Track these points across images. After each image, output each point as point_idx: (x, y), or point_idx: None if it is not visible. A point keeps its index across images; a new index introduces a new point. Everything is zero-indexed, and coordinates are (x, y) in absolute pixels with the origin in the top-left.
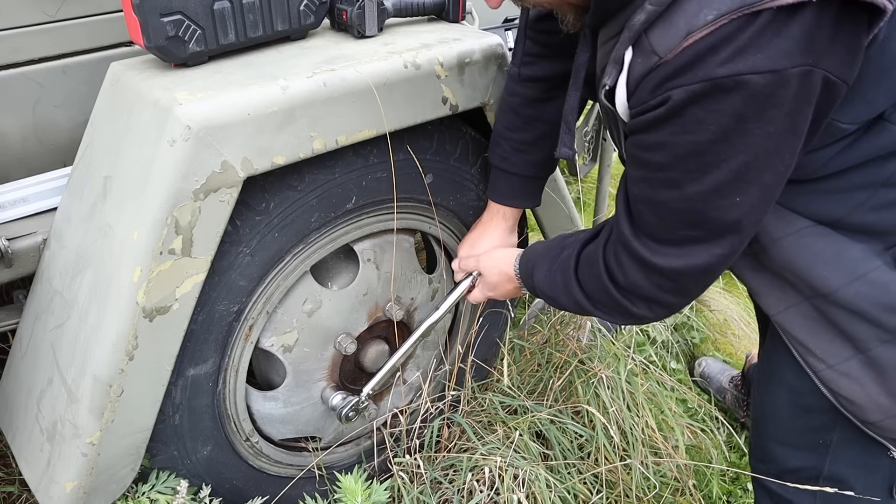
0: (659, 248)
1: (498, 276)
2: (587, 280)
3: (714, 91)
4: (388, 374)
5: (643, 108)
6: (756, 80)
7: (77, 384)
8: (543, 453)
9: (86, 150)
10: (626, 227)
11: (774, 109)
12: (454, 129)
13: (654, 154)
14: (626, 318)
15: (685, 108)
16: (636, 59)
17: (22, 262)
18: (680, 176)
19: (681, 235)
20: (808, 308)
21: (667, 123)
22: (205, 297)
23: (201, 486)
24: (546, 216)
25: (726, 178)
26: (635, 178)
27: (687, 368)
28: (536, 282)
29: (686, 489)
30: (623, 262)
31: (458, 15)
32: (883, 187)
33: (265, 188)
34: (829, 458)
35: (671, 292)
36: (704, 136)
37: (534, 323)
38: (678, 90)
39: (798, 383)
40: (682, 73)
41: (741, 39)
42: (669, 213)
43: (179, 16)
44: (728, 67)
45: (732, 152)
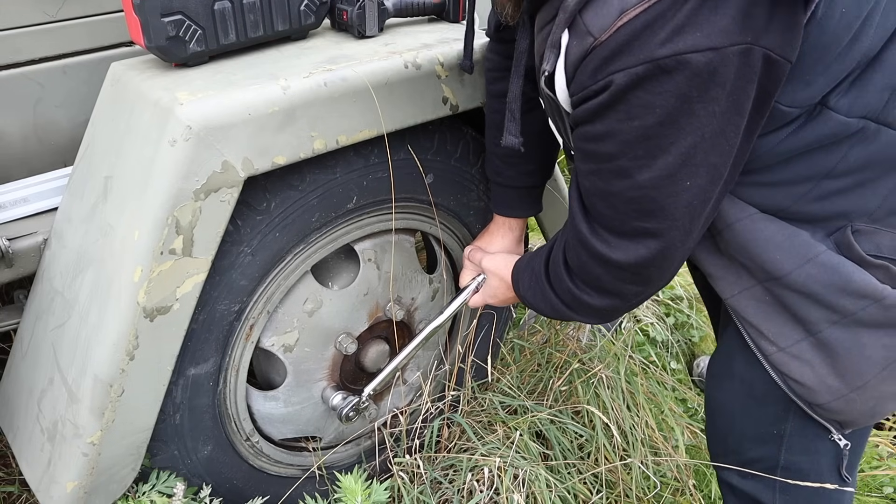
0: (616, 240)
1: (498, 282)
2: (556, 283)
3: (657, 72)
4: (390, 376)
5: (585, 94)
6: (697, 59)
7: (78, 384)
8: (543, 453)
9: (86, 150)
10: (581, 224)
11: (717, 88)
12: (455, 129)
13: (601, 144)
14: (595, 315)
15: (629, 91)
16: (572, 41)
17: (23, 262)
18: (630, 164)
19: (636, 226)
20: (760, 291)
21: (611, 110)
22: (205, 297)
23: (202, 485)
24: (546, 216)
25: (676, 161)
26: (585, 171)
27: (687, 368)
28: (522, 292)
29: (686, 489)
30: (584, 260)
31: (459, 15)
32: (826, 178)
33: (266, 188)
34: (784, 447)
35: (633, 283)
36: (651, 120)
37: (534, 323)
38: (620, 74)
39: (749, 374)
40: (620, 54)
41: (678, 17)
42: (623, 204)
43: (180, 16)
44: (668, 47)
45: (680, 134)
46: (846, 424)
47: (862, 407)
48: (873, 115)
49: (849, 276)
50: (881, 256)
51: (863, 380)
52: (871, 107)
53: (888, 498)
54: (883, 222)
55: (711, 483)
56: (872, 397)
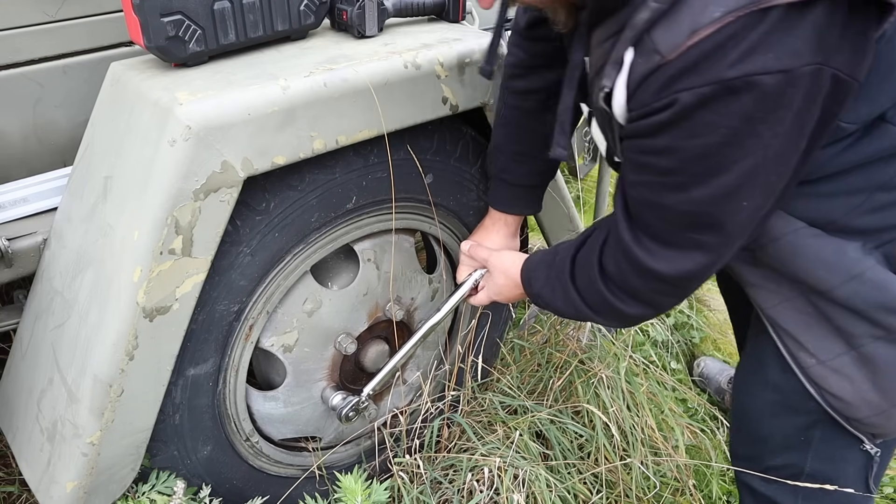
0: (662, 251)
1: (504, 280)
2: (583, 285)
3: (724, 93)
4: (389, 375)
5: (646, 110)
6: (767, 81)
7: (77, 384)
8: (543, 453)
9: (86, 150)
10: (625, 232)
11: (784, 110)
12: (454, 129)
13: (659, 158)
14: (622, 321)
15: (694, 111)
16: (637, 59)
17: (22, 262)
18: (687, 180)
19: (685, 238)
20: (802, 303)
21: (674, 127)
22: (205, 297)
23: (201, 485)
24: (546, 216)
25: (735, 181)
26: (636, 181)
27: (687, 368)
28: (536, 290)
29: (686, 489)
30: (622, 267)
31: (458, 15)
32: (879, 190)
33: (265, 188)
34: (810, 454)
35: (669, 295)
36: (714, 140)
37: (534, 323)
38: (686, 93)
39: (783, 382)
40: (688, 74)
41: (750, 38)
42: (674, 216)
43: (179, 16)
44: (738, 68)
45: (741, 154)
46: (879, 435)
47: None
48: None
49: (895, 294)
50: None
51: None
52: None
53: (888, 498)
54: None
55: (712, 483)
56: None
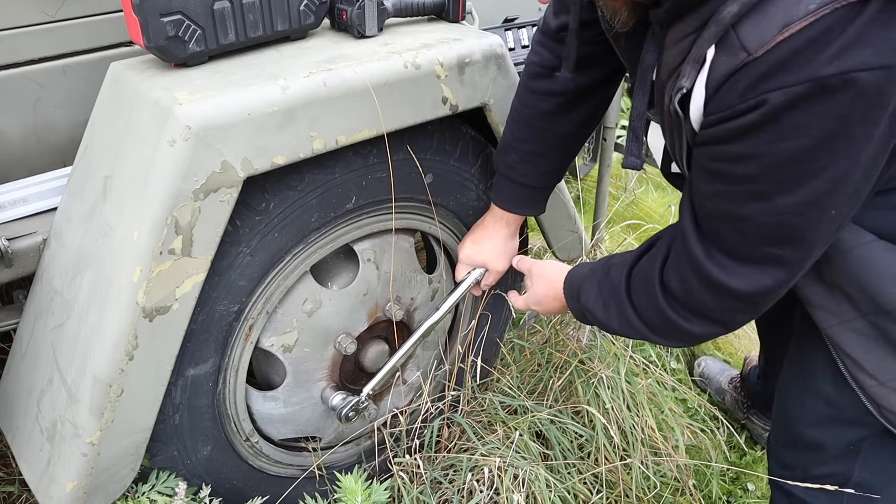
0: (737, 267)
1: (546, 290)
2: (642, 303)
3: (819, 92)
4: (389, 375)
5: (728, 113)
6: (866, 78)
7: (77, 384)
8: (543, 453)
9: (86, 150)
10: (696, 247)
11: (880, 110)
12: (454, 129)
13: (740, 165)
14: (686, 341)
15: (784, 112)
16: (720, 56)
17: (22, 262)
18: (771, 188)
19: (763, 252)
20: (863, 324)
21: (760, 131)
22: (205, 297)
23: (201, 485)
24: (546, 216)
25: (824, 187)
26: (710, 192)
27: (687, 368)
28: (585, 305)
29: (686, 489)
30: (691, 284)
31: (458, 15)
32: None
33: (265, 188)
34: (858, 464)
35: (743, 312)
36: (804, 143)
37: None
38: (776, 93)
39: (838, 397)
40: (779, 72)
41: (848, 33)
42: (755, 229)
43: (179, 16)
44: (836, 65)
45: (833, 159)
46: None
47: None
48: None
49: None
50: None
51: None
52: None
53: None
54: None
55: (712, 483)
56: None
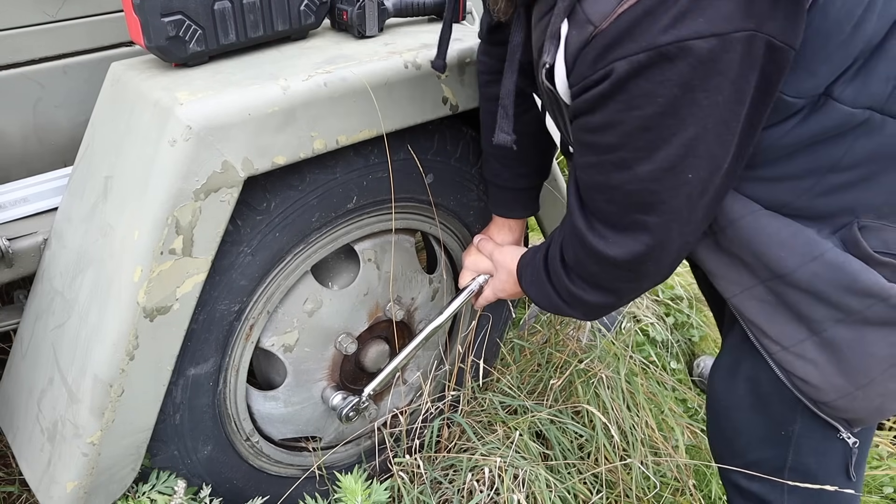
0: (613, 236)
1: (506, 276)
2: (554, 278)
3: (659, 60)
4: (390, 377)
5: (585, 84)
6: (700, 46)
7: (78, 384)
8: (543, 453)
9: (86, 150)
10: (578, 220)
11: (720, 77)
12: (455, 129)
13: (601, 135)
14: (587, 311)
15: (630, 80)
16: (572, 31)
17: (22, 262)
18: (630, 155)
19: (632, 219)
20: (762, 290)
21: (611, 100)
22: (205, 297)
23: (201, 485)
24: (546, 216)
25: (677, 153)
26: (584, 164)
27: (687, 368)
28: (525, 285)
29: (686, 489)
30: (580, 256)
31: (459, 15)
32: (830, 172)
33: (266, 188)
34: (791, 448)
35: (628, 280)
36: (652, 110)
37: (534, 323)
38: (621, 62)
39: (755, 373)
40: (621, 42)
41: (681, 3)
42: (622, 197)
43: (180, 16)
44: (671, 34)
45: (682, 125)
46: (854, 423)
47: (868, 405)
48: (878, 106)
49: (855, 275)
50: (888, 253)
51: (868, 377)
52: (876, 97)
53: (888, 498)
54: (890, 218)
55: (711, 483)
56: (878, 395)
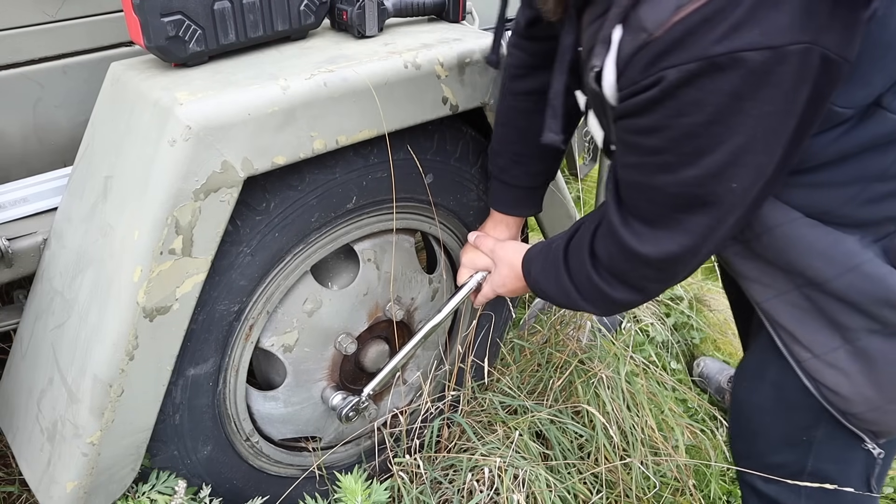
0: (647, 233)
1: (508, 270)
2: (574, 270)
3: (710, 70)
4: (389, 376)
5: (634, 89)
6: (753, 58)
7: (77, 384)
8: (543, 453)
9: (86, 150)
10: (614, 215)
11: (771, 88)
12: (454, 129)
13: (647, 138)
14: (608, 306)
15: (679, 88)
16: (625, 37)
17: (22, 262)
18: (675, 160)
19: (671, 219)
20: (797, 296)
21: (660, 105)
22: (205, 297)
23: (201, 485)
24: (546, 216)
25: (722, 161)
26: (627, 163)
27: (687, 368)
28: (534, 276)
29: (686, 489)
30: (611, 250)
31: (459, 15)
32: (877, 181)
33: (265, 188)
34: (812, 453)
35: (654, 280)
36: (701, 118)
37: (534, 323)
38: (672, 70)
39: (782, 379)
40: (674, 50)
41: (737, 14)
42: (663, 198)
43: (179, 16)
44: (724, 44)
45: (729, 134)
46: (881, 435)
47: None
48: None
49: (893, 288)
50: None
51: None
52: None
53: (888, 498)
54: None
55: (711, 483)
56: None
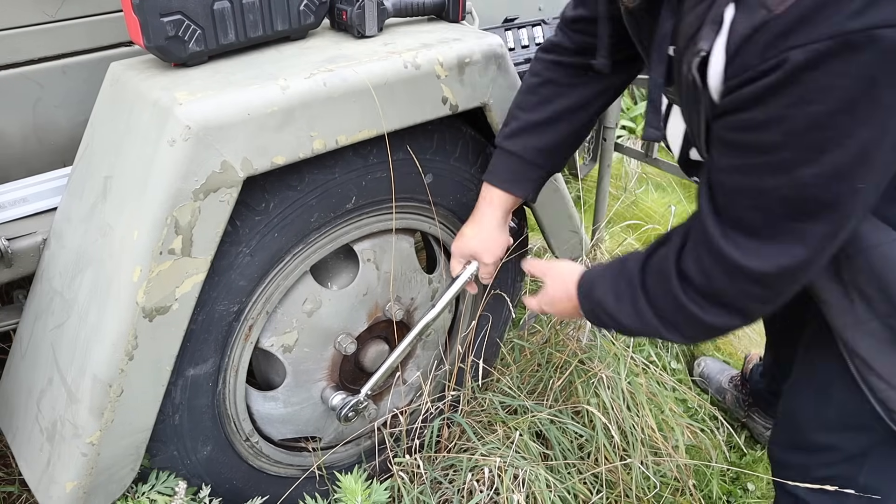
0: (755, 247)
1: (557, 289)
2: (656, 293)
3: (842, 50)
4: (388, 373)
5: (749, 75)
6: (891, 36)
7: (77, 384)
8: (543, 453)
9: (86, 150)
10: (712, 227)
11: None
12: (454, 128)
13: (762, 133)
14: (699, 332)
15: (805, 72)
16: (739, 16)
17: (22, 262)
18: (793, 156)
19: (784, 228)
20: (877, 326)
21: (781, 94)
22: (204, 297)
23: (201, 485)
24: (546, 216)
25: (848, 157)
26: (729, 166)
27: (687, 368)
28: (596, 299)
29: (686, 489)
30: (706, 267)
31: (458, 15)
32: None
33: (265, 188)
34: (865, 468)
35: (759, 299)
36: (826, 107)
37: (534, 323)
38: (797, 51)
39: (848, 401)
40: (800, 28)
41: None
42: (775, 203)
43: (179, 16)
44: (860, 20)
45: (857, 126)
46: None
47: None
48: None
49: None
50: None
51: None
52: None
53: None
54: None
55: (712, 483)
56: None
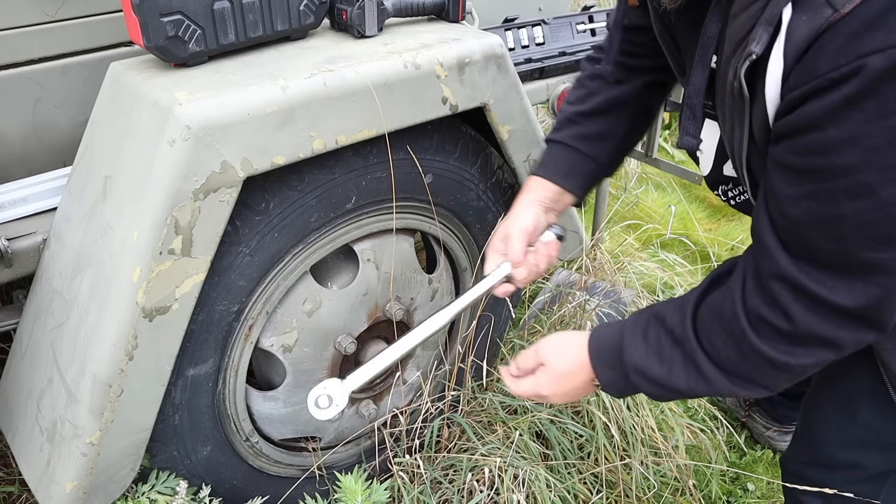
0: (834, 280)
1: (566, 360)
2: (718, 345)
3: None
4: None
5: (816, 84)
6: None
7: (77, 384)
8: (543, 453)
9: (86, 150)
10: (786, 263)
11: None
12: (454, 128)
13: (835, 156)
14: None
15: (886, 81)
16: (799, 16)
17: (22, 262)
18: (875, 177)
19: (866, 259)
20: None
21: (858, 107)
22: (204, 297)
23: (201, 486)
24: None
25: None
26: (796, 195)
27: None
28: (633, 364)
29: (686, 489)
30: (787, 307)
31: (458, 15)
32: None
33: (265, 188)
34: (886, 488)
35: (858, 331)
36: None
37: (534, 323)
38: (875, 56)
39: (877, 422)
40: (876, 29)
41: None
42: (855, 231)
43: (179, 16)
44: None
45: None
46: None
47: None
48: None
49: None
50: None
51: None
52: None
53: None
54: None
55: (712, 483)
56: None
